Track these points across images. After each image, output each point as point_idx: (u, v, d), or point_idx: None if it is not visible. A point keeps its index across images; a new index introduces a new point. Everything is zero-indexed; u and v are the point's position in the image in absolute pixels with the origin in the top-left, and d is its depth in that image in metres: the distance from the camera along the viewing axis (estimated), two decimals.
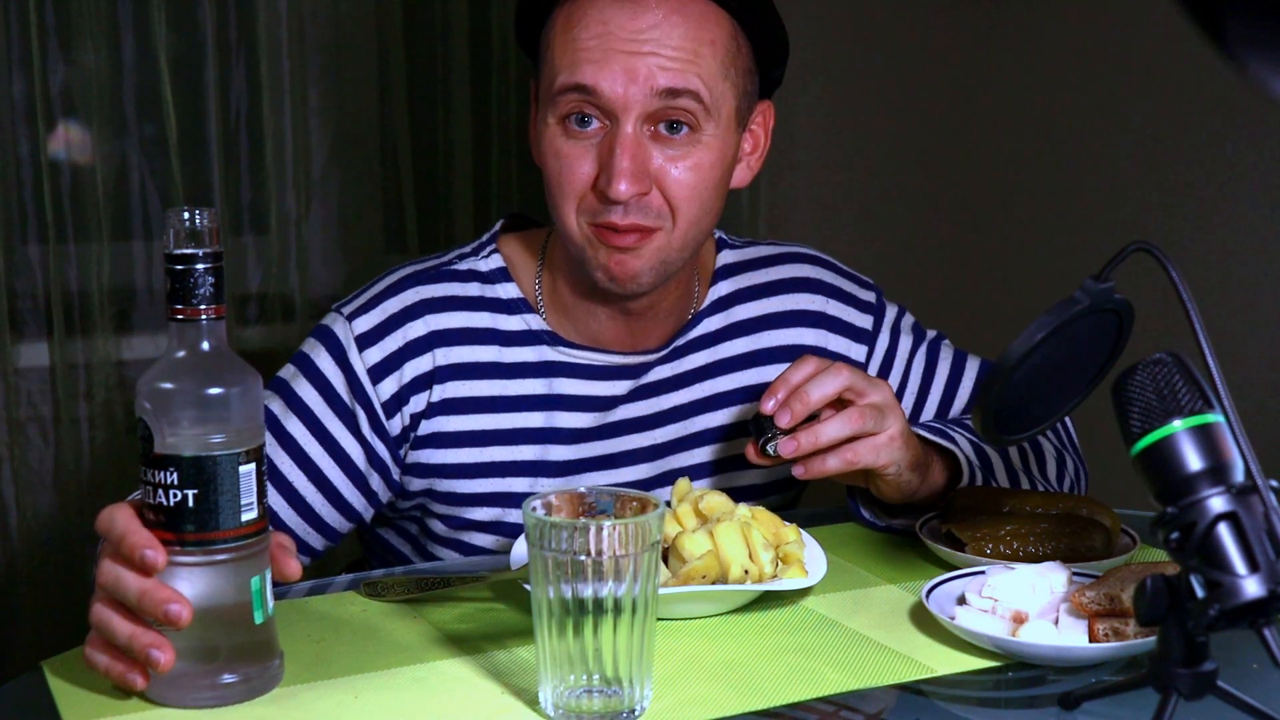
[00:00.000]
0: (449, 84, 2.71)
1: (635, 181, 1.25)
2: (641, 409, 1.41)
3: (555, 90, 1.27)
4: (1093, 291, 1.01)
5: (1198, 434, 0.87)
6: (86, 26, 2.40)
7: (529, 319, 1.39)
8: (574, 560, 0.93)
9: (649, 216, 1.28)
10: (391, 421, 1.36)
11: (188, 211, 0.97)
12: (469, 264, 1.41)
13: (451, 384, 1.36)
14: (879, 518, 1.37)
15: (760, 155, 1.39)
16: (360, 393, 1.35)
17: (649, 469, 1.42)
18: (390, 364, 1.35)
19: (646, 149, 1.27)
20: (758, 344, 1.46)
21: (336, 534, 1.39)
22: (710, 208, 1.32)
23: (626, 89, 1.24)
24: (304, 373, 1.36)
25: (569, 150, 1.28)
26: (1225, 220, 2.43)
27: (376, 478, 1.37)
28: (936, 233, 3.00)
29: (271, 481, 1.32)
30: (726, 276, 1.47)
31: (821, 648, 1.10)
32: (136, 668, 0.97)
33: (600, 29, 1.25)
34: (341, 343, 1.36)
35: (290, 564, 1.02)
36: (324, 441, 1.35)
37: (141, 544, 0.95)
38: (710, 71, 1.27)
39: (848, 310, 1.49)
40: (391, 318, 1.36)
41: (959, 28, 2.93)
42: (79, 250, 2.46)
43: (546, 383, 1.39)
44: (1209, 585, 0.83)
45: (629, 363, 1.41)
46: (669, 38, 1.25)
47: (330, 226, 2.72)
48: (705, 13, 1.27)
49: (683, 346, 1.43)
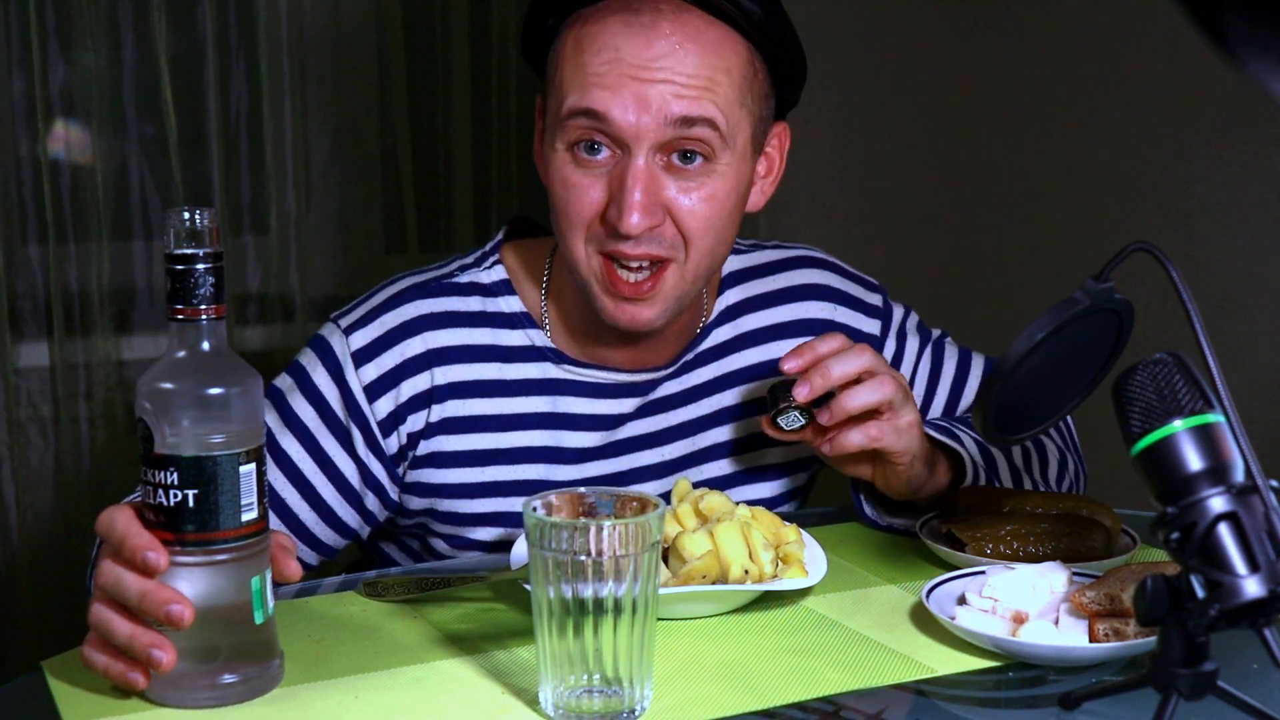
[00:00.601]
0: (449, 84, 2.71)
1: (647, 215, 1.21)
2: (649, 425, 1.39)
3: (564, 114, 1.23)
4: (1093, 291, 1.01)
5: (1198, 434, 0.87)
6: (86, 26, 2.40)
7: (532, 334, 1.37)
8: (574, 560, 0.93)
9: (661, 247, 1.24)
10: (388, 440, 1.33)
11: (188, 211, 0.97)
12: (470, 276, 1.38)
13: (451, 403, 1.34)
14: (881, 516, 1.37)
15: (775, 179, 1.35)
16: (356, 411, 1.32)
17: (658, 486, 1.40)
18: (387, 382, 1.33)
19: (659, 180, 1.23)
20: (767, 355, 1.43)
21: (332, 550, 1.37)
22: (725, 237, 1.28)
23: (639, 117, 1.20)
24: (300, 387, 1.34)
25: (578, 179, 1.24)
26: (1225, 220, 2.43)
27: (372, 497, 1.35)
28: (937, 232, 3.00)
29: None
30: (734, 284, 1.45)
31: (821, 648, 1.10)
32: (137, 667, 0.97)
33: (611, 55, 1.21)
34: (338, 358, 1.33)
35: (290, 565, 1.02)
36: (318, 459, 1.33)
37: (144, 546, 0.94)
38: (726, 99, 1.23)
39: (855, 316, 1.48)
40: (389, 333, 1.33)
41: (960, 28, 2.93)
42: (79, 250, 2.46)
43: (550, 401, 1.36)
44: (1209, 585, 0.83)
45: (636, 380, 1.38)
46: (683, 65, 1.20)
47: (330, 226, 2.72)
48: (722, 39, 1.23)
49: (691, 360, 1.41)
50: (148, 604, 0.94)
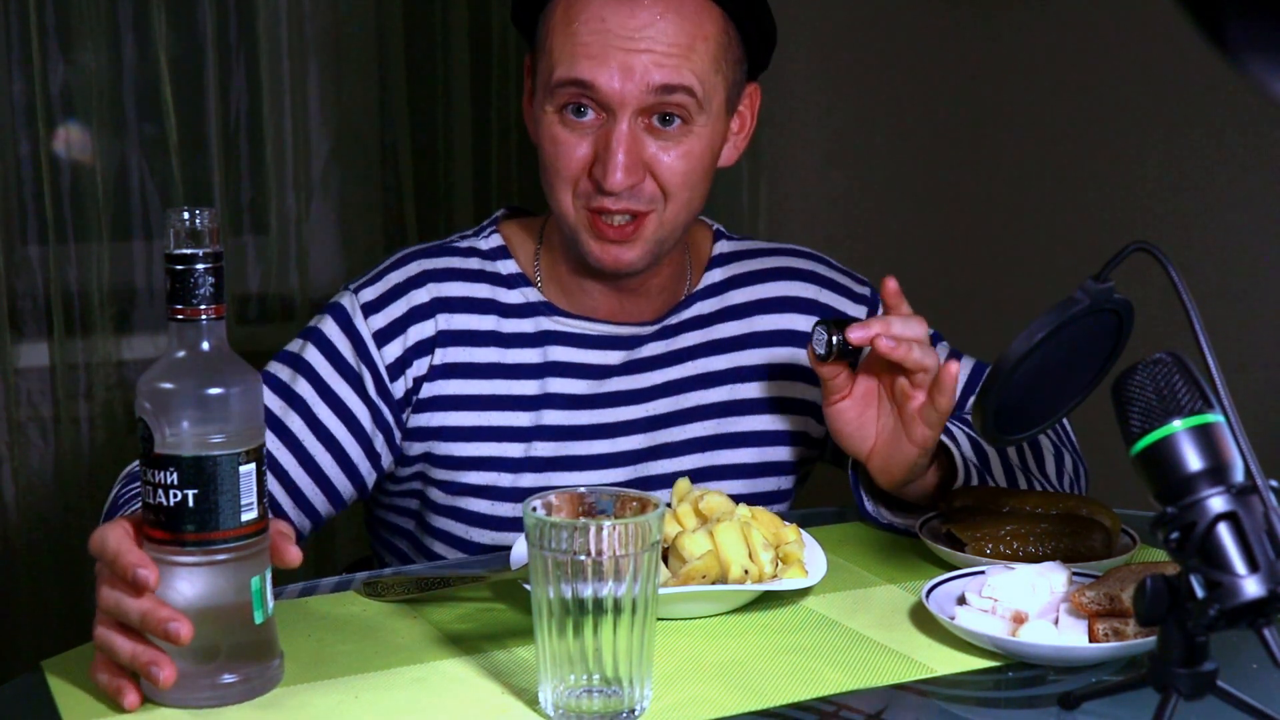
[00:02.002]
0: (449, 83, 2.71)
1: (630, 173, 1.32)
2: (635, 382, 1.46)
3: (554, 82, 1.33)
4: (1093, 291, 1.01)
5: (1198, 434, 0.87)
6: (86, 26, 2.40)
7: (527, 292, 1.46)
8: (574, 560, 0.93)
9: (641, 201, 1.35)
10: (395, 384, 1.41)
11: (188, 211, 0.97)
12: (469, 243, 1.48)
13: (453, 349, 1.42)
14: (880, 514, 1.37)
15: (746, 135, 1.45)
16: (366, 356, 1.40)
17: (643, 439, 1.46)
18: (395, 328, 1.41)
19: (641, 141, 1.33)
20: (751, 327, 1.50)
21: (340, 499, 1.42)
22: (699, 190, 1.39)
23: (623, 85, 1.30)
24: (311, 340, 1.42)
25: (566, 138, 1.34)
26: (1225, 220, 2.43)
27: (381, 439, 1.41)
28: (937, 232, 3.00)
29: (283, 442, 1.37)
30: (721, 264, 1.53)
31: (821, 648, 1.10)
32: (132, 687, 0.98)
33: (598, 25, 1.31)
34: (348, 310, 1.42)
35: (291, 550, 1.02)
36: (331, 403, 1.39)
37: (133, 564, 0.95)
38: (703, 66, 1.33)
39: (840, 300, 1.53)
40: (396, 287, 1.43)
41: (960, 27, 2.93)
42: (79, 250, 2.46)
43: (542, 351, 1.44)
44: (1209, 585, 0.83)
45: (621, 333, 1.46)
46: (664, 35, 1.31)
47: (330, 226, 2.72)
48: (699, 9, 1.33)
49: (675, 325, 1.48)
50: (148, 623, 0.96)
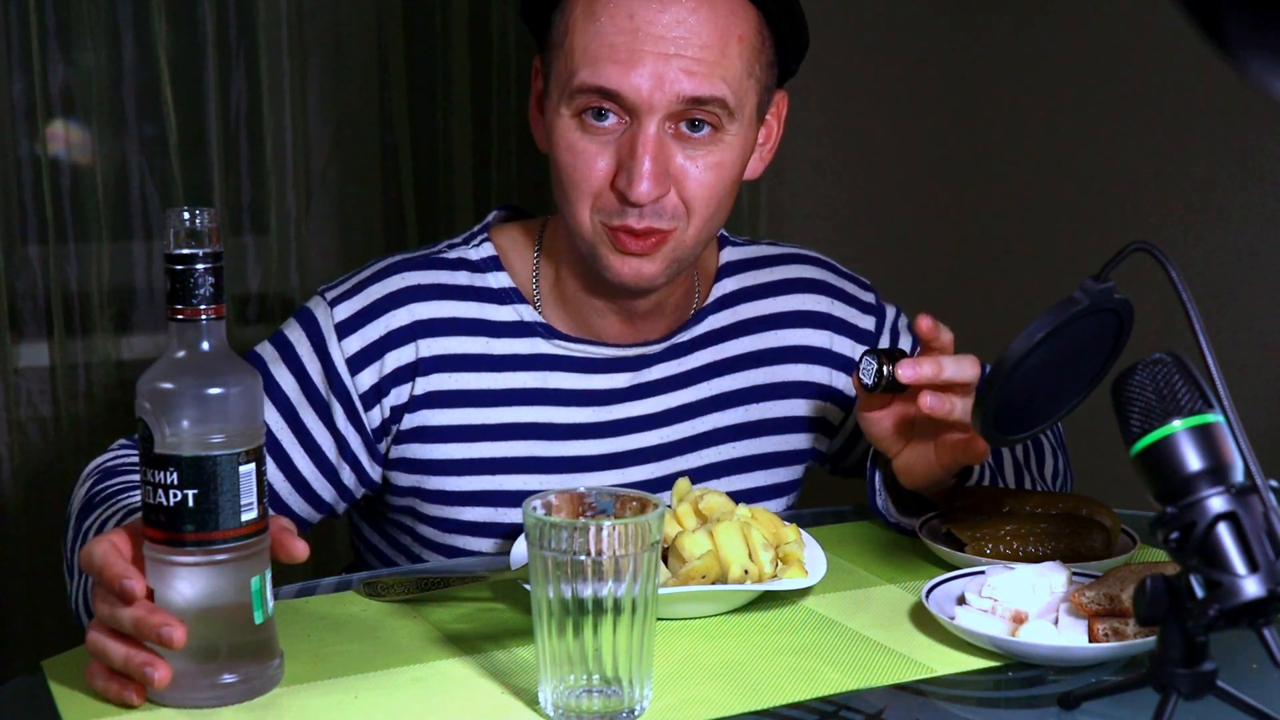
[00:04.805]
0: (449, 83, 2.71)
1: (657, 183, 1.22)
2: (645, 407, 1.40)
3: (574, 87, 1.23)
4: (1093, 291, 1.01)
5: (1197, 434, 0.87)
6: (86, 26, 2.40)
7: (521, 310, 1.37)
8: (574, 560, 0.93)
9: (664, 219, 1.25)
10: (370, 413, 1.34)
11: (188, 211, 0.97)
12: (458, 253, 1.39)
13: (436, 376, 1.34)
14: (891, 513, 1.36)
15: (773, 145, 1.37)
16: (337, 384, 1.33)
17: (656, 469, 1.40)
18: (370, 354, 1.33)
19: (668, 149, 1.24)
20: (764, 343, 1.45)
21: (306, 523, 1.37)
22: (725, 204, 1.30)
23: (651, 94, 1.21)
24: (283, 357, 1.35)
25: (585, 146, 1.24)
26: (1225, 220, 2.42)
27: (348, 471, 1.35)
28: (937, 232, 3.00)
29: None
30: (730, 274, 1.46)
31: (821, 648, 1.10)
32: (132, 685, 0.98)
33: (626, 23, 1.21)
34: (322, 331, 1.34)
35: (296, 544, 1.02)
36: (296, 431, 1.33)
37: (119, 575, 0.95)
38: (736, 72, 1.24)
39: (851, 311, 1.49)
40: (374, 304, 1.34)
41: (961, 27, 2.93)
42: (79, 250, 2.46)
43: (540, 376, 1.36)
44: (1209, 585, 0.83)
45: (627, 355, 1.39)
46: (696, 35, 1.21)
47: (330, 226, 2.72)
48: (733, 7, 1.24)
49: (686, 344, 1.42)
50: (142, 629, 0.95)
